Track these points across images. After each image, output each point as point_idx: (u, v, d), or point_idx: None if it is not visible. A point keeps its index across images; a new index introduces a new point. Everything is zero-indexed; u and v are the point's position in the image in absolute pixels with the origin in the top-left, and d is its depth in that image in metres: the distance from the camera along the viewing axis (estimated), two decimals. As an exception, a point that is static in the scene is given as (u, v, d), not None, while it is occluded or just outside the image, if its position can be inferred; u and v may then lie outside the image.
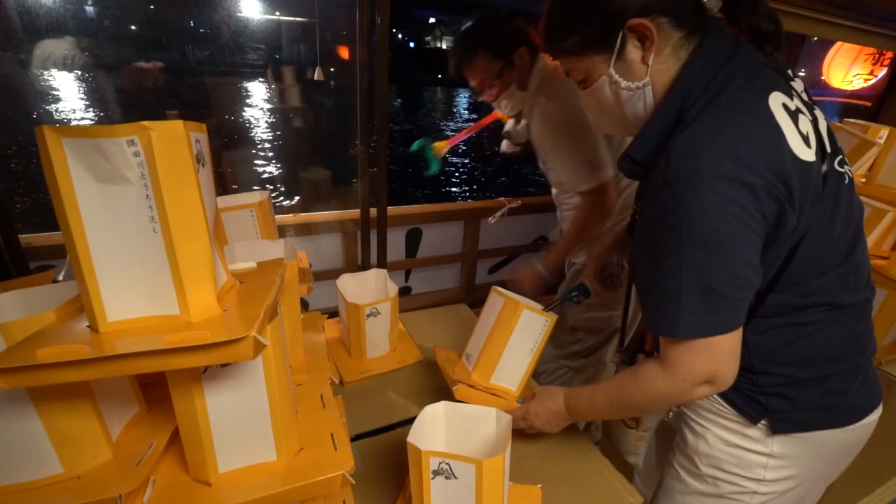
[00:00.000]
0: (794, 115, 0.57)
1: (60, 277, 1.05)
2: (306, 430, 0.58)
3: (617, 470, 0.87)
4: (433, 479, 0.61)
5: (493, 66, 1.13)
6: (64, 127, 0.36)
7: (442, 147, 1.44)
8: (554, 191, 1.36)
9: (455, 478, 0.60)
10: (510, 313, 0.85)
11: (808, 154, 0.56)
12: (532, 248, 2.10)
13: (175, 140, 0.39)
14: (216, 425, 0.49)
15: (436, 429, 0.71)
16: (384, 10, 1.11)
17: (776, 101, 0.57)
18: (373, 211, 1.40)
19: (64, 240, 0.39)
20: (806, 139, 0.57)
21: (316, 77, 1.17)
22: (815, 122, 0.61)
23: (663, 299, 0.59)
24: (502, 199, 1.81)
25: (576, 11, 0.64)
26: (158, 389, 0.59)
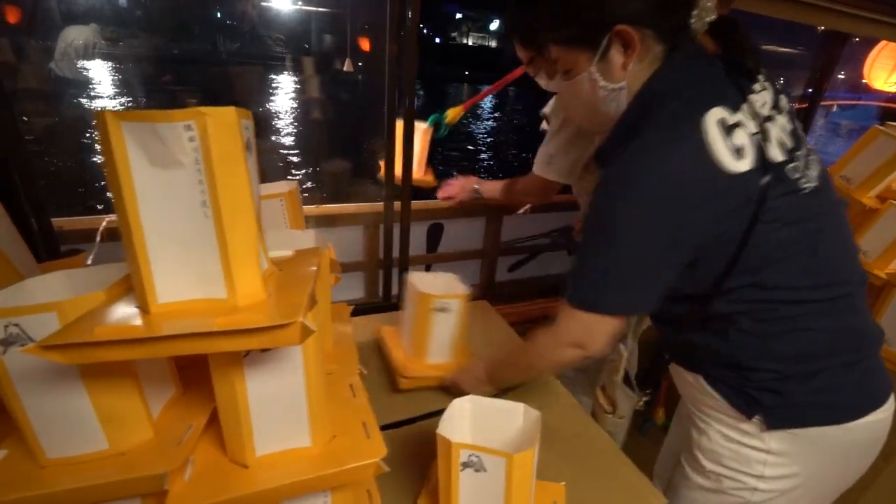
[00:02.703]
0: (728, 130, 0.61)
1: (89, 262, 1.09)
2: (337, 418, 0.59)
3: (640, 470, 0.86)
4: (462, 471, 0.61)
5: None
6: (124, 111, 0.37)
7: (455, 114, 1.52)
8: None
9: (485, 471, 0.60)
10: (424, 304, 0.93)
11: (737, 166, 0.60)
12: (552, 247, 2.09)
13: (228, 126, 0.39)
14: (255, 409, 0.50)
15: (463, 422, 0.72)
16: (415, 3, 1.11)
17: (713, 117, 0.60)
18: (396, 204, 1.40)
19: (118, 221, 0.40)
20: (739, 151, 0.61)
21: (346, 68, 1.19)
22: (759, 134, 0.63)
23: (577, 271, 0.70)
24: None
25: (571, 6, 0.68)
26: (193, 372, 0.60)
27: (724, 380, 0.73)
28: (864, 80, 2.54)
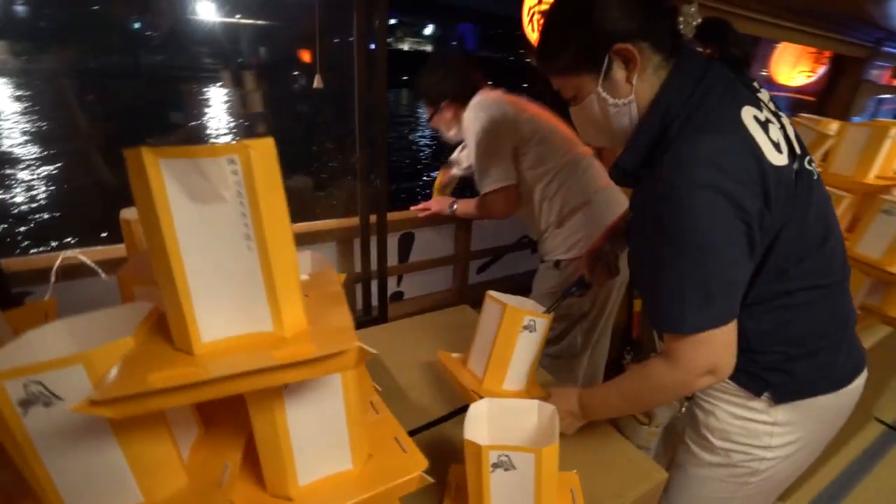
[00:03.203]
0: (764, 126, 0.65)
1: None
2: (369, 437, 0.59)
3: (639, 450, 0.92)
4: (493, 472, 0.63)
5: (434, 96, 1.40)
6: (162, 148, 0.36)
7: None
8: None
9: (514, 469, 0.63)
10: (512, 320, 0.88)
11: (780, 159, 0.64)
12: (517, 247, 2.16)
13: (269, 157, 0.39)
14: (296, 438, 0.49)
15: (481, 425, 0.74)
16: (382, 13, 1.12)
17: (748, 114, 0.64)
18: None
19: (155, 262, 0.39)
20: (777, 146, 0.64)
21: (315, 85, 1.16)
22: (783, 129, 0.68)
23: (667, 299, 0.66)
24: None
25: (568, 35, 0.70)
26: (208, 408, 0.58)
27: None
28: (766, 74, 2.88)
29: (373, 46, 1.15)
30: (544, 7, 1.75)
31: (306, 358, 0.38)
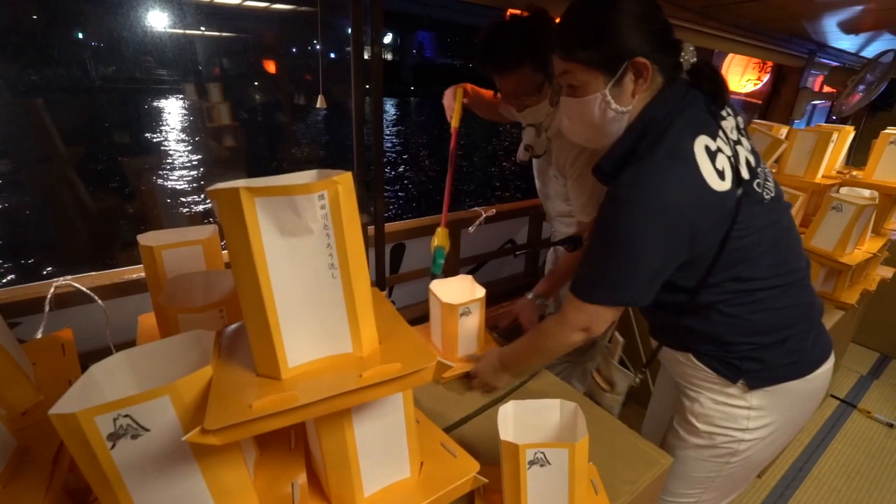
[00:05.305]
0: (712, 155, 0.73)
1: (39, 333, 0.97)
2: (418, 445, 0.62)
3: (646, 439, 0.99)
4: (529, 469, 0.68)
5: (535, 78, 1.06)
6: (257, 187, 0.38)
7: (444, 235, 1.33)
8: (553, 205, 1.38)
9: (549, 464, 0.68)
10: (450, 312, 1.03)
11: (721, 186, 0.73)
12: (500, 253, 2.23)
13: (350, 191, 0.42)
14: (362, 452, 0.52)
15: (508, 426, 0.78)
16: (378, 36, 1.16)
17: (700, 144, 0.73)
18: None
19: (244, 294, 0.41)
20: (721, 174, 0.73)
21: (319, 105, 1.17)
22: (733, 157, 0.76)
23: (585, 271, 0.80)
24: (479, 209, 1.91)
25: (597, 33, 0.74)
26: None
27: (710, 354, 0.85)
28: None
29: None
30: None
31: (393, 376, 0.41)
